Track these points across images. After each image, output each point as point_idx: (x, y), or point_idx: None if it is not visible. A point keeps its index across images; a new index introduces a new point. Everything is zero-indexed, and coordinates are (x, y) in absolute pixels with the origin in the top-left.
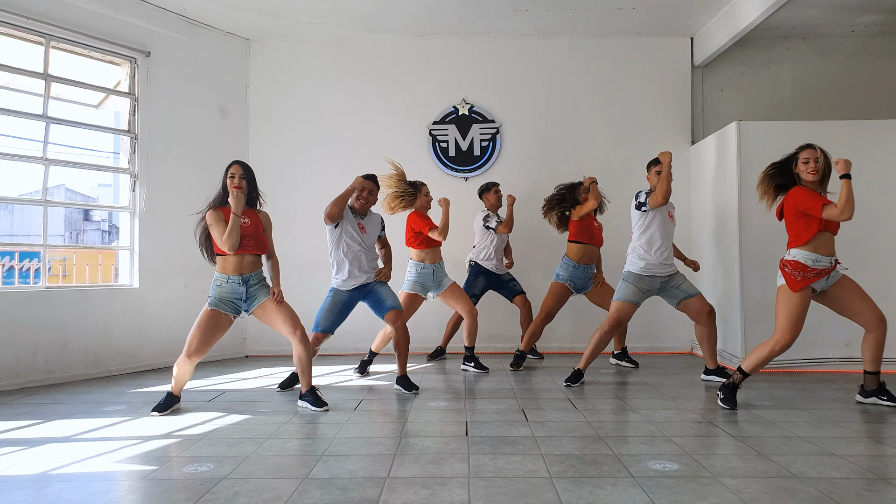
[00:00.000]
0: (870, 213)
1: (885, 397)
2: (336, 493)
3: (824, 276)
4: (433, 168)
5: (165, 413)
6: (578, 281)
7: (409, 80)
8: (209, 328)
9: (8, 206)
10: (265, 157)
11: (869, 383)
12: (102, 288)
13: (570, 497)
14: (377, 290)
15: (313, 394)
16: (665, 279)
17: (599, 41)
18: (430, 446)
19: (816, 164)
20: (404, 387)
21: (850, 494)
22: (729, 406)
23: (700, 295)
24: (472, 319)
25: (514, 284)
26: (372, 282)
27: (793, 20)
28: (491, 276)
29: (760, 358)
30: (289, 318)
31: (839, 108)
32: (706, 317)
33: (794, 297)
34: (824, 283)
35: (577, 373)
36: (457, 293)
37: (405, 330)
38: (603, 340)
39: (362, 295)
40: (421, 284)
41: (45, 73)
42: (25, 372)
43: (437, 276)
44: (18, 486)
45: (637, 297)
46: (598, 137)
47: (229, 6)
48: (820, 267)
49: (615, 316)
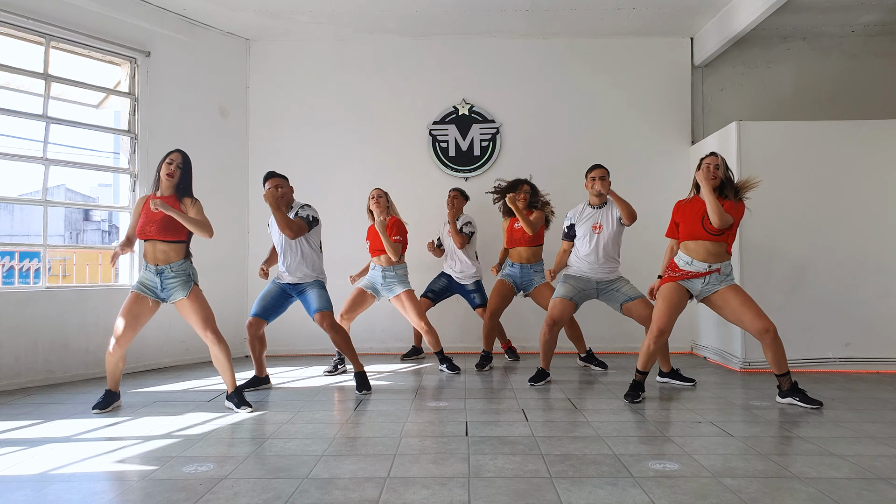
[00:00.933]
0: (869, 213)
1: (797, 397)
2: (336, 493)
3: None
4: (433, 168)
5: (106, 411)
6: (516, 278)
7: (409, 80)
8: (132, 313)
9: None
10: (265, 157)
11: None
12: (102, 288)
13: (570, 497)
14: (308, 292)
15: (238, 394)
16: (602, 282)
17: (599, 41)
18: (430, 446)
19: (716, 170)
20: (357, 385)
21: (850, 494)
22: (630, 400)
23: (643, 298)
24: (425, 334)
25: (475, 296)
26: (304, 282)
27: (793, 20)
28: (452, 280)
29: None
30: (202, 318)
31: (839, 108)
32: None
33: (660, 292)
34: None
35: (540, 371)
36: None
37: (335, 328)
38: (547, 340)
39: (295, 293)
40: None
41: (45, 73)
42: (25, 372)
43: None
44: (18, 486)
45: (570, 293)
46: (598, 137)
47: (229, 6)
48: (690, 270)
49: (550, 312)
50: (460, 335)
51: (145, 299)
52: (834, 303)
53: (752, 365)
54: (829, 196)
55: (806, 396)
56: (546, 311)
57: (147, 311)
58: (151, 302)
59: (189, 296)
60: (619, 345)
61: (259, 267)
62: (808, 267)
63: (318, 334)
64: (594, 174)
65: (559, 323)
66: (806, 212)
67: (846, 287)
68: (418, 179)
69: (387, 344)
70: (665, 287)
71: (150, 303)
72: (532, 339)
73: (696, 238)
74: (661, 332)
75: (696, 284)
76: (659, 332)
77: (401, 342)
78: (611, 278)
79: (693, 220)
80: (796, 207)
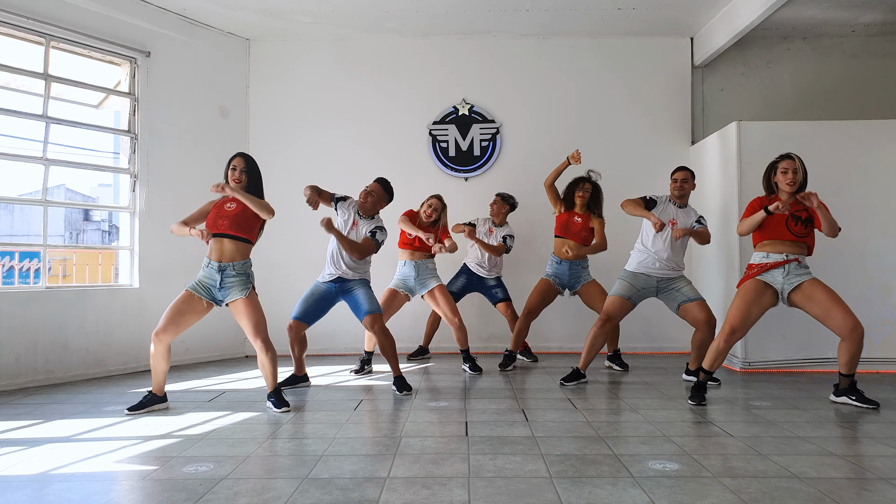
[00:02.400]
0: (869, 213)
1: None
2: (336, 493)
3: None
4: (433, 168)
5: (140, 412)
6: (563, 277)
7: (409, 80)
8: (178, 309)
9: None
10: (265, 157)
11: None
12: (102, 288)
13: (570, 497)
14: (356, 292)
15: (277, 394)
16: (662, 280)
17: (599, 41)
18: (430, 446)
19: (795, 175)
20: (397, 387)
21: (850, 494)
22: (696, 402)
23: (701, 301)
24: (457, 330)
25: (497, 291)
26: (353, 280)
27: (793, 20)
28: (472, 276)
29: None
30: (254, 324)
31: (839, 108)
32: (705, 325)
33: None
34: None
35: (575, 372)
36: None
37: (385, 332)
38: (596, 336)
39: (341, 293)
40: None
41: (45, 73)
42: (25, 372)
43: (421, 274)
44: (18, 486)
45: (629, 292)
46: (598, 137)
47: (229, 6)
48: (767, 262)
49: (604, 309)
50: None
51: (199, 300)
52: None
53: (753, 365)
54: (829, 196)
55: (863, 396)
56: (591, 309)
57: (197, 311)
58: (206, 303)
59: (247, 297)
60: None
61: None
62: None
63: (320, 335)
64: (677, 176)
65: (613, 320)
66: None
67: (846, 287)
68: (418, 179)
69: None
70: (743, 285)
71: (203, 304)
72: (551, 340)
73: (780, 238)
74: (734, 330)
75: (776, 276)
76: (731, 331)
77: (401, 342)
78: (672, 276)
79: (777, 222)
80: None
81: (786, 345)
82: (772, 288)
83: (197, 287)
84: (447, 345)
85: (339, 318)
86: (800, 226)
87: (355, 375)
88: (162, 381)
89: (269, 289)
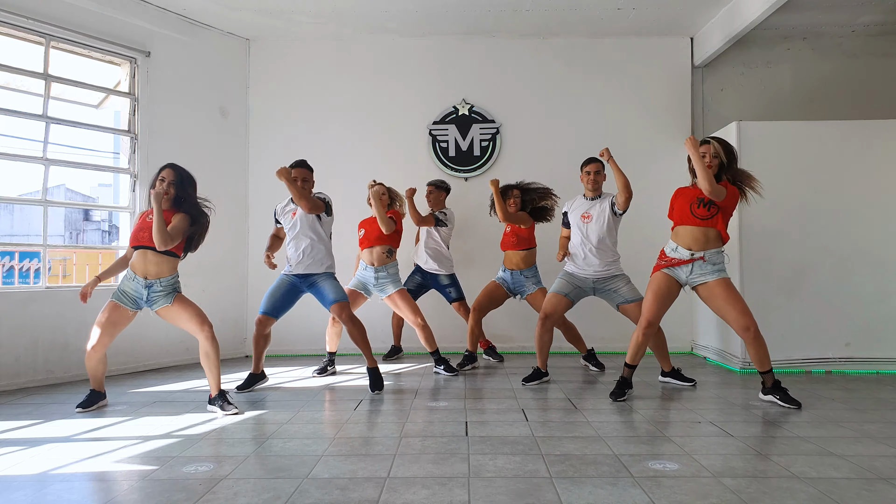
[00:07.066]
0: (869, 213)
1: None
2: (336, 493)
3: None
4: (433, 168)
5: (90, 410)
6: (507, 281)
7: (409, 80)
8: (110, 322)
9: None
10: (265, 157)
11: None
12: (102, 288)
13: (570, 497)
14: (321, 284)
15: (222, 397)
16: (598, 280)
17: (599, 41)
18: (430, 446)
19: (713, 158)
20: (371, 383)
21: (850, 494)
22: (615, 398)
23: (640, 301)
24: (421, 330)
25: (450, 290)
26: (318, 273)
27: (793, 20)
28: (424, 273)
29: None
30: (194, 315)
31: (839, 108)
32: None
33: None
34: (684, 277)
35: (536, 371)
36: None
37: (353, 320)
38: (541, 335)
39: (306, 286)
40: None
41: (45, 73)
42: (25, 372)
43: (380, 281)
44: (18, 486)
45: (565, 289)
46: (598, 137)
47: (229, 6)
48: (674, 257)
49: (543, 307)
50: (460, 335)
51: (124, 309)
52: (834, 303)
53: (752, 365)
54: (829, 196)
55: (787, 395)
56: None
57: (125, 319)
58: (131, 312)
59: (174, 302)
60: (618, 345)
61: (264, 255)
62: (807, 267)
63: (318, 334)
64: (588, 168)
65: (551, 317)
66: (806, 212)
67: (846, 287)
68: (418, 179)
69: (387, 344)
70: (653, 277)
71: (129, 313)
72: (519, 340)
73: (685, 223)
74: (650, 323)
75: (680, 273)
76: (647, 324)
77: (375, 343)
78: (607, 276)
79: (683, 205)
80: (796, 207)
81: (786, 345)
82: (676, 280)
83: (121, 297)
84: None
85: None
86: (702, 208)
87: (318, 376)
88: (102, 380)
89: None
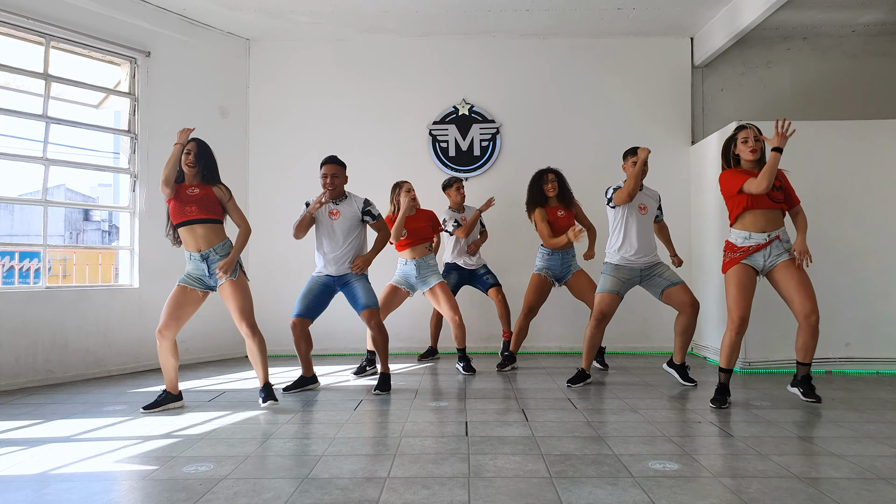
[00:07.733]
0: (869, 213)
1: (802, 389)
2: (336, 493)
3: (758, 252)
4: (433, 168)
5: (156, 410)
6: (555, 269)
7: (409, 80)
8: (176, 303)
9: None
10: (265, 157)
11: (800, 371)
12: (102, 288)
13: (570, 497)
14: (354, 285)
15: (267, 389)
16: (645, 268)
17: (599, 41)
18: (430, 446)
19: (756, 142)
20: (378, 384)
21: (850, 494)
22: (718, 405)
23: (683, 284)
24: (457, 327)
25: (488, 277)
26: (349, 273)
27: (793, 20)
28: (462, 270)
29: (724, 348)
30: (239, 308)
31: (839, 108)
32: (689, 307)
33: (727, 278)
34: (762, 262)
35: (580, 373)
36: (443, 293)
37: (380, 328)
38: (594, 336)
39: (339, 285)
40: (404, 279)
41: (45, 73)
42: (25, 372)
43: (422, 272)
44: (18, 486)
45: (616, 286)
46: (598, 137)
47: (229, 6)
48: (750, 244)
49: (598, 308)
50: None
51: (193, 291)
52: (834, 303)
53: (752, 365)
54: (829, 196)
55: (809, 391)
56: (579, 299)
57: (194, 301)
58: (200, 293)
59: (235, 280)
60: (618, 345)
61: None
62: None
63: (321, 335)
64: (635, 159)
65: (608, 317)
66: (805, 212)
67: (846, 287)
68: (418, 179)
69: (393, 344)
70: (731, 272)
71: (198, 294)
72: (551, 339)
73: (759, 207)
74: (742, 320)
75: (758, 259)
76: (740, 321)
77: (402, 342)
78: (655, 262)
79: None
80: None
81: (786, 345)
82: (755, 269)
83: (188, 280)
84: (452, 345)
85: (339, 318)
86: (777, 192)
87: (355, 377)
88: (174, 378)
89: (269, 289)
